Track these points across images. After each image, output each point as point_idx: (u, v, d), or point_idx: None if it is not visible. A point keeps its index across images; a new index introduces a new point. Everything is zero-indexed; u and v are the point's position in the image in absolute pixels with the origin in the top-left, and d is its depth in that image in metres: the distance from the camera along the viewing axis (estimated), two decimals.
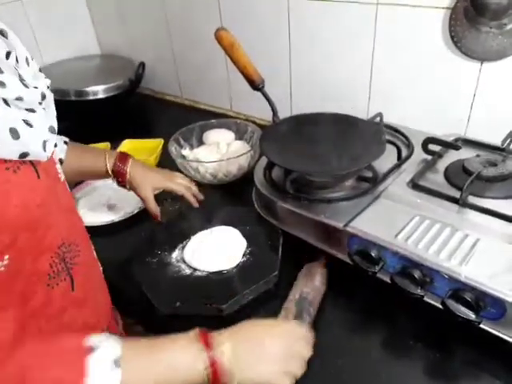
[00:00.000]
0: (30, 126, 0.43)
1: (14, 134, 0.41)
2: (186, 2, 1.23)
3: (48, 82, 0.52)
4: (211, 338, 0.48)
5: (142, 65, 1.37)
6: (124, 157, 0.81)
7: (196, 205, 0.85)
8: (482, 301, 0.56)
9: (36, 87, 0.47)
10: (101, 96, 1.29)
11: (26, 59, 0.48)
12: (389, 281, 0.64)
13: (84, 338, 0.43)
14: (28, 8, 1.34)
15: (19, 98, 0.42)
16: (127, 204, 0.93)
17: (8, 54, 0.44)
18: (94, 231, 0.86)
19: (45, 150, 0.45)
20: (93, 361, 0.41)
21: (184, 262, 0.77)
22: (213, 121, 1.09)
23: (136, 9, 1.37)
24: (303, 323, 0.61)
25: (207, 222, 0.84)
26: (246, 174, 0.98)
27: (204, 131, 1.08)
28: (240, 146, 1.03)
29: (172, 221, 0.87)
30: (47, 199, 0.48)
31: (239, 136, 1.08)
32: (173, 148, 1.00)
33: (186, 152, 1.04)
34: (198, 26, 1.24)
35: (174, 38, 1.33)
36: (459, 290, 0.57)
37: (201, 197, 0.87)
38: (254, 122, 1.12)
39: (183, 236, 0.82)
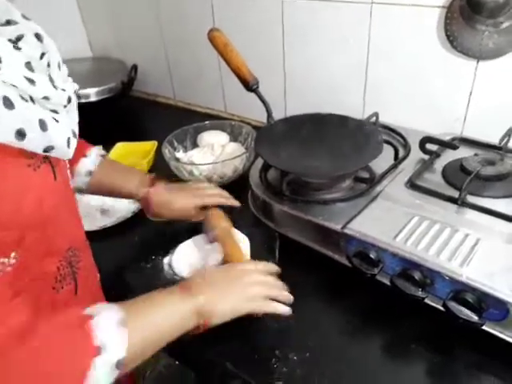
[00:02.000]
0: (57, 121, 0.44)
1: (43, 125, 0.42)
2: (179, 2, 1.21)
3: (76, 87, 0.52)
4: (196, 288, 0.55)
5: (135, 67, 1.35)
6: (154, 180, 0.77)
7: (238, 204, 0.79)
8: (484, 302, 0.55)
9: (64, 90, 0.47)
10: (93, 99, 1.28)
11: (59, 64, 0.49)
12: (388, 283, 0.63)
13: (81, 310, 0.46)
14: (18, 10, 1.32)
15: (46, 97, 0.43)
16: (120, 209, 0.91)
17: (42, 55, 0.45)
18: (88, 236, 0.86)
19: (69, 147, 0.46)
20: (96, 324, 0.43)
21: None
22: (207, 122, 1.08)
23: (128, 10, 1.36)
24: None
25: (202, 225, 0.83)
26: (241, 176, 0.97)
27: (198, 133, 1.06)
28: (235, 148, 1.02)
29: (165, 224, 0.85)
30: (60, 201, 0.49)
31: (234, 138, 1.06)
32: (166, 150, 0.98)
33: (180, 154, 1.02)
34: (190, 27, 1.23)
35: (167, 40, 1.32)
36: (461, 292, 0.57)
37: (236, 202, 0.80)
38: (248, 124, 1.11)
39: (176, 240, 0.80)
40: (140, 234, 0.85)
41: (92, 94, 1.28)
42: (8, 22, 0.44)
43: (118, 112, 1.38)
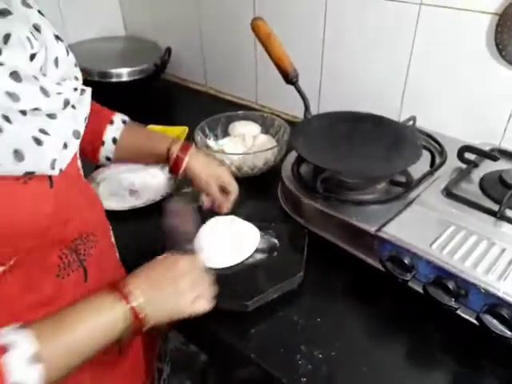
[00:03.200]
0: (39, 143, 0.41)
1: (18, 156, 0.39)
2: None
3: (79, 83, 0.49)
4: (124, 290, 0.49)
5: (169, 50, 1.34)
6: (186, 146, 0.74)
7: (223, 211, 0.78)
8: None
9: (60, 93, 0.44)
10: (124, 79, 1.28)
11: (56, 60, 0.45)
12: (420, 290, 0.62)
13: None
14: None
15: (36, 109, 0.41)
16: (150, 191, 0.91)
17: (33, 56, 0.42)
18: (114, 216, 0.86)
19: (53, 168, 0.44)
20: (8, 362, 0.39)
21: None
22: (240, 112, 1.07)
23: None
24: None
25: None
26: (271, 169, 0.96)
27: (229, 122, 1.06)
28: (266, 140, 1.01)
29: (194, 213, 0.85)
30: (61, 204, 0.47)
31: (265, 130, 1.06)
32: (198, 137, 0.98)
33: (210, 142, 1.02)
34: (229, 13, 1.22)
35: (203, 24, 1.31)
36: (496, 306, 0.56)
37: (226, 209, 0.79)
38: (278, 116, 1.10)
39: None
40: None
41: (124, 73, 1.27)
42: (1, 13, 0.40)
43: (149, 94, 1.38)
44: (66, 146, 0.45)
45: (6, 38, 0.40)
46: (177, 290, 0.53)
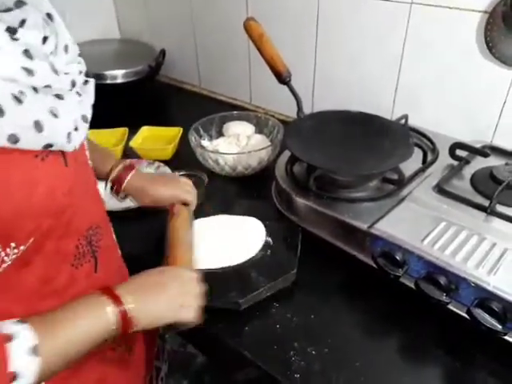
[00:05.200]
0: (55, 116, 0.43)
1: (38, 126, 0.41)
2: None
3: (83, 68, 0.51)
4: (115, 293, 0.50)
5: (163, 52, 1.35)
6: (129, 167, 0.73)
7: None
8: (509, 311, 0.55)
9: (67, 73, 0.46)
10: (119, 81, 1.28)
11: (66, 47, 0.47)
12: (412, 285, 0.63)
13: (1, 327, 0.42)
14: None
15: (48, 86, 0.42)
16: None
17: (45, 39, 0.44)
18: (113, 216, 0.87)
19: (69, 142, 0.45)
20: (12, 348, 0.40)
21: None
22: (234, 112, 1.08)
23: None
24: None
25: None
26: (265, 169, 0.97)
27: (224, 122, 1.06)
28: (260, 140, 1.02)
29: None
30: (75, 186, 0.48)
31: (259, 129, 1.06)
32: (192, 138, 0.98)
33: (205, 142, 1.03)
34: (222, 15, 1.22)
35: (197, 26, 1.31)
36: (486, 300, 0.56)
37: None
38: (272, 116, 1.10)
39: None
40: (162, 218, 0.86)
41: (119, 75, 1.28)
42: (18, 4, 0.42)
43: (144, 96, 1.39)
44: (76, 128, 0.46)
45: (22, 22, 0.42)
46: (166, 295, 0.53)
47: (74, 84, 0.47)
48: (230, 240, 0.76)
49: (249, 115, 1.08)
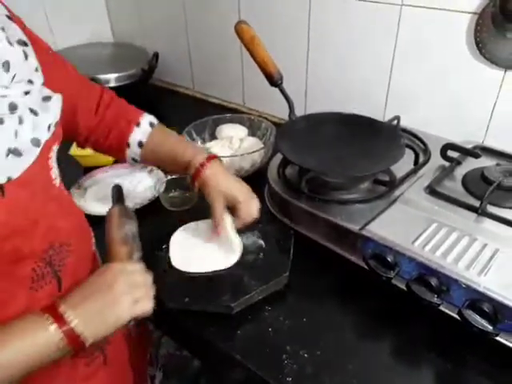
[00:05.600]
0: None
1: None
2: None
3: (36, 87, 0.48)
4: (57, 311, 0.47)
5: (156, 55, 1.35)
6: (209, 157, 0.70)
7: (240, 226, 0.72)
8: (499, 312, 0.55)
9: (4, 96, 0.43)
10: (112, 84, 1.28)
11: (5, 63, 0.44)
12: (403, 287, 0.63)
13: None
14: None
15: None
16: (136, 195, 0.91)
17: None
18: (100, 221, 0.86)
19: None
20: None
21: None
22: (226, 115, 1.08)
23: None
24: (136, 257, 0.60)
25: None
26: (258, 171, 0.97)
27: (217, 125, 1.06)
28: (253, 142, 1.02)
29: (180, 215, 0.85)
30: (15, 215, 0.45)
31: (252, 132, 1.06)
32: None
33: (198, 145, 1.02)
34: (215, 19, 1.23)
35: (190, 30, 1.31)
36: (477, 301, 0.56)
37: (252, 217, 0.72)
38: (266, 119, 1.11)
39: None
40: (155, 222, 0.86)
41: (112, 79, 1.28)
42: None
43: (137, 99, 1.37)
44: (19, 153, 0.44)
45: None
46: (112, 298, 0.50)
47: (13, 107, 0.44)
48: (222, 243, 0.76)
49: (242, 118, 1.08)
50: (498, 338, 0.57)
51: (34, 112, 0.46)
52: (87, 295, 0.50)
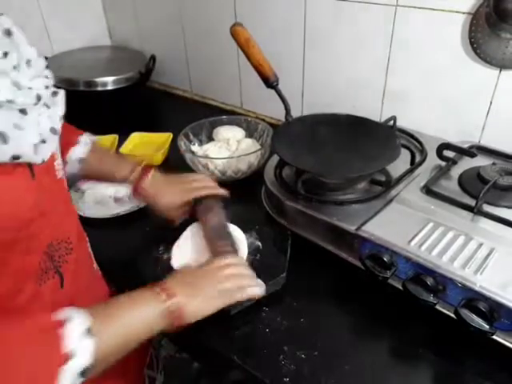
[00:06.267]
0: (20, 129, 0.43)
1: (2, 138, 0.41)
2: None
3: (50, 82, 0.51)
4: (168, 290, 0.53)
5: (153, 58, 1.35)
6: (146, 170, 0.76)
7: (224, 192, 0.78)
8: (496, 311, 0.55)
9: (30, 88, 0.46)
10: (110, 87, 1.28)
11: (28, 61, 0.48)
12: (400, 287, 0.63)
13: (52, 315, 0.45)
14: None
15: (10, 101, 0.42)
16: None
17: (5, 54, 0.44)
18: (100, 223, 0.86)
19: (36, 154, 0.45)
20: (66, 332, 0.43)
21: None
22: (223, 117, 1.08)
23: (149, 1, 1.36)
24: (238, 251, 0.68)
25: None
26: (255, 173, 0.97)
27: (214, 127, 1.07)
28: (250, 144, 1.02)
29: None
30: (40, 199, 0.48)
31: (249, 134, 1.06)
32: (182, 143, 0.98)
33: (195, 147, 1.03)
34: (212, 21, 1.23)
35: (187, 32, 1.32)
36: (473, 300, 0.56)
37: (222, 191, 0.79)
38: (263, 120, 1.11)
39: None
40: (152, 224, 0.86)
41: (109, 82, 1.28)
42: None
43: (135, 102, 1.39)
44: (43, 140, 0.46)
45: None
46: (216, 283, 0.57)
47: (39, 98, 0.47)
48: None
49: (239, 119, 1.09)
50: (494, 337, 0.57)
51: (46, 105, 0.49)
52: (192, 279, 0.57)
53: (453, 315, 0.59)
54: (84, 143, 0.74)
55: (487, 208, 0.69)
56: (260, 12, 1.11)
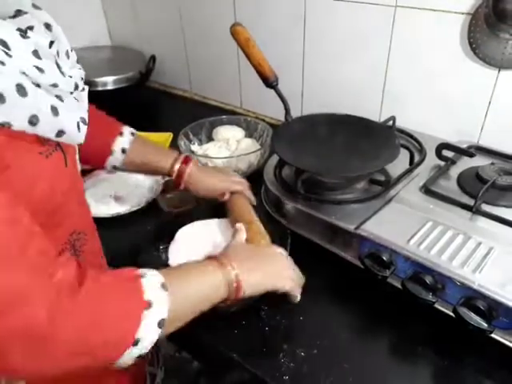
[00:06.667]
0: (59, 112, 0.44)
1: (55, 111, 0.43)
2: None
3: (83, 73, 0.53)
4: (232, 261, 0.57)
5: (153, 58, 1.36)
6: (187, 159, 0.80)
7: (254, 202, 0.82)
8: (494, 310, 0.56)
9: (71, 76, 0.48)
10: (110, 87, 1.29)
11: (67, 52, 0.50)
12: (399, 286, 0.63)
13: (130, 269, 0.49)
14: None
15: (54, 85, 0.44)
16: (134, 196, 0.92)
17: (51, 43, 0.46)
18: (100, 223, 0.86)
19: (79, 131, 0.47)
20: (145, 283, 0.46)
21: None
22: (223, 117, 1.08)
23: (149, 1, 1.36)
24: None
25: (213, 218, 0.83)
26: (255, 172, 0.97)
27: (214, 127, 1.07)
28: (250, 144, 1.02)
29: (179, 215, 0.86)
30: (70, 187, 0.50)
31: (249, 133, 1.07)
32: (182, 142, 0.99)
33: (195, 147, 1.03)
34: (211, 21, 1.23)
35: (187, 32, 1.32)
36: (472, 298, 0.57)
37: (253, 200, 0.83)
38: (263, 120, 1.11)
39: None
40: (153, 223, 0.86)
41: (109, 82, 1.28)
42: (18, 12, 0.44)
43: (135, 102, 1.39)
44: (78, 125, 0.48)
45: (29, 28, 0.44)
46: (276, 265, 0.61)
47: (76, 87, 0.48)
48: (220, 244, 0.76)
49: (238, 119, 1.09)
50: (493, 336, 0.57)
51: (76, 99, 0.50)
52: (252, 254, 0.61)
53: (452, 314, 0.59)
54: (128, 134, 0.77)
55: (486, 207, 0.69)
56: (259, 12, 1.11)
